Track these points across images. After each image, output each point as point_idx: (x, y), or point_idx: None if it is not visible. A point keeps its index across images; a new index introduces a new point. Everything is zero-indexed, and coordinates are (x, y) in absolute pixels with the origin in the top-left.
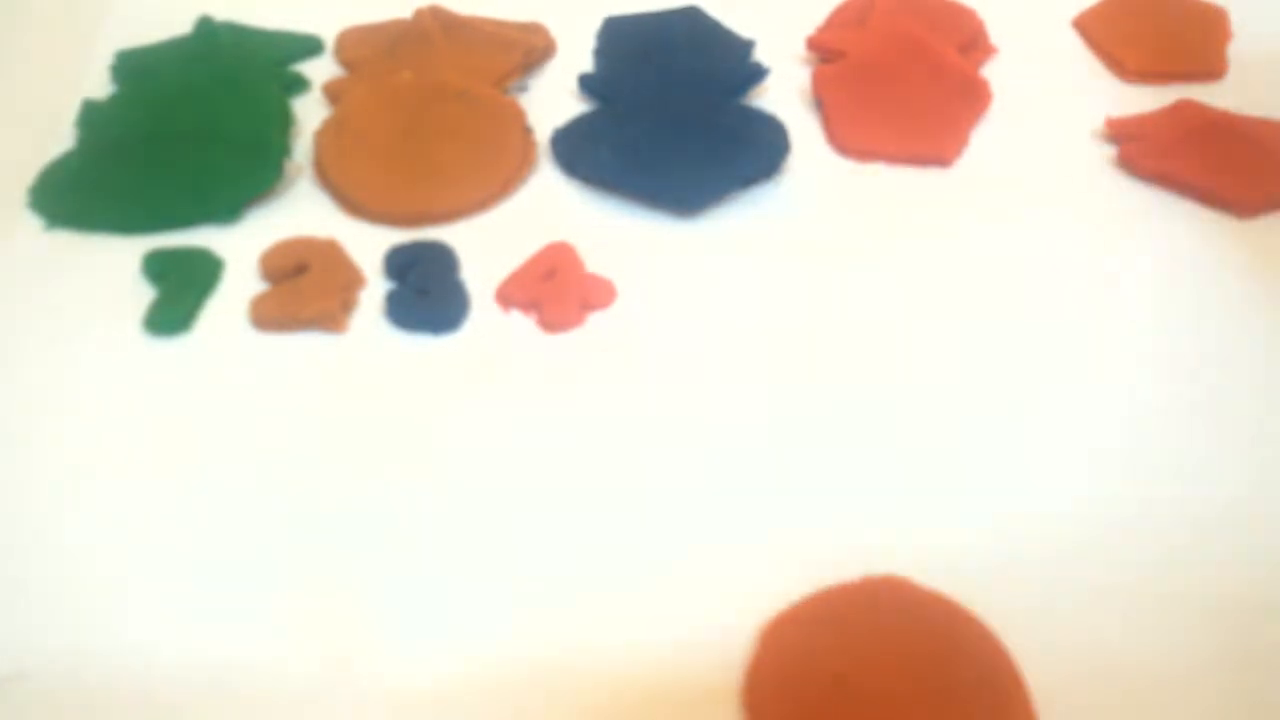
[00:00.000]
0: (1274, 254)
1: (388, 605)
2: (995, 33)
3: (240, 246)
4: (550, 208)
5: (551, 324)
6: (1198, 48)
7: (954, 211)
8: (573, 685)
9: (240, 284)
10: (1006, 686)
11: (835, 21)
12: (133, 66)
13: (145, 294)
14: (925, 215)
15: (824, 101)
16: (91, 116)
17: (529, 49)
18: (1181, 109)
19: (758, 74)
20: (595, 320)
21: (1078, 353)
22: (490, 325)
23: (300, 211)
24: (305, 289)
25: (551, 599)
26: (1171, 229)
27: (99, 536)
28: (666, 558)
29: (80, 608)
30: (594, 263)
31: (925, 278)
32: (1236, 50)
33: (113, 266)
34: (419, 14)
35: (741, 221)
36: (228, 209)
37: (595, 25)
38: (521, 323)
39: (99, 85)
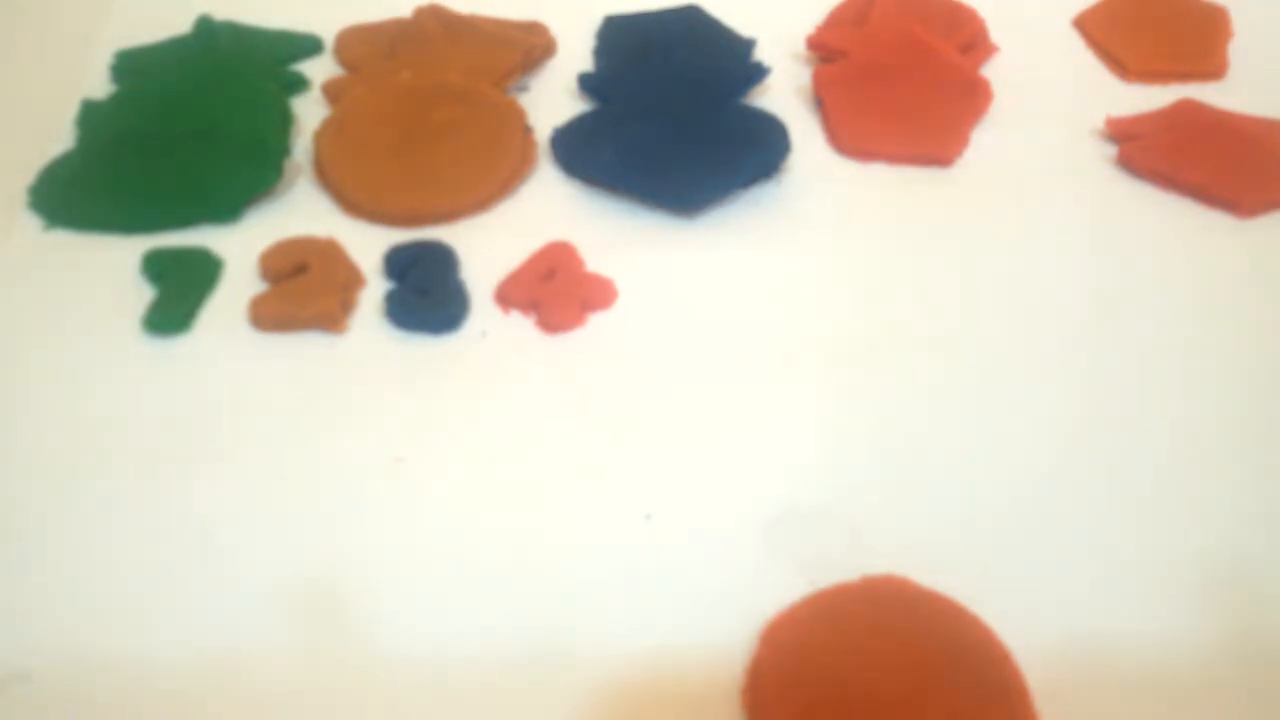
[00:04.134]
0: (1274, 254)
1: (387, 604)
2: (995, 32)
3: (240, 246)
4: (550, 208)
5: (551, 324)
6: (1198, 48)
7: (954, 211)
8: (573, 685)
9: (240, 284)
10: (1006, 686)
11: (835, 21)
12: (132, 66)
13: (145, 294)
14: (925, 215)
15: (824, 101)
16: (91, 116)
17: (529, 49)
18: (1181, 109)
19: (758, 74)
20: (595, 320)
21: (1077, 352)
22: (490, 325)
23: (300, 211)
24: (305, 289)
25: (551, 598)
26: (1171, 229)
27: (99, 536)
28: (667, 558)
29: (80, 608)
30: (594, 263)
31: (925, 277)
32: (1236, 50)
33: (112, 266)
34: (419, 14)
35: (741, 221)
36: (227, 209)
37: (595, 25)
38: (521, 323)
39: (99, 85)
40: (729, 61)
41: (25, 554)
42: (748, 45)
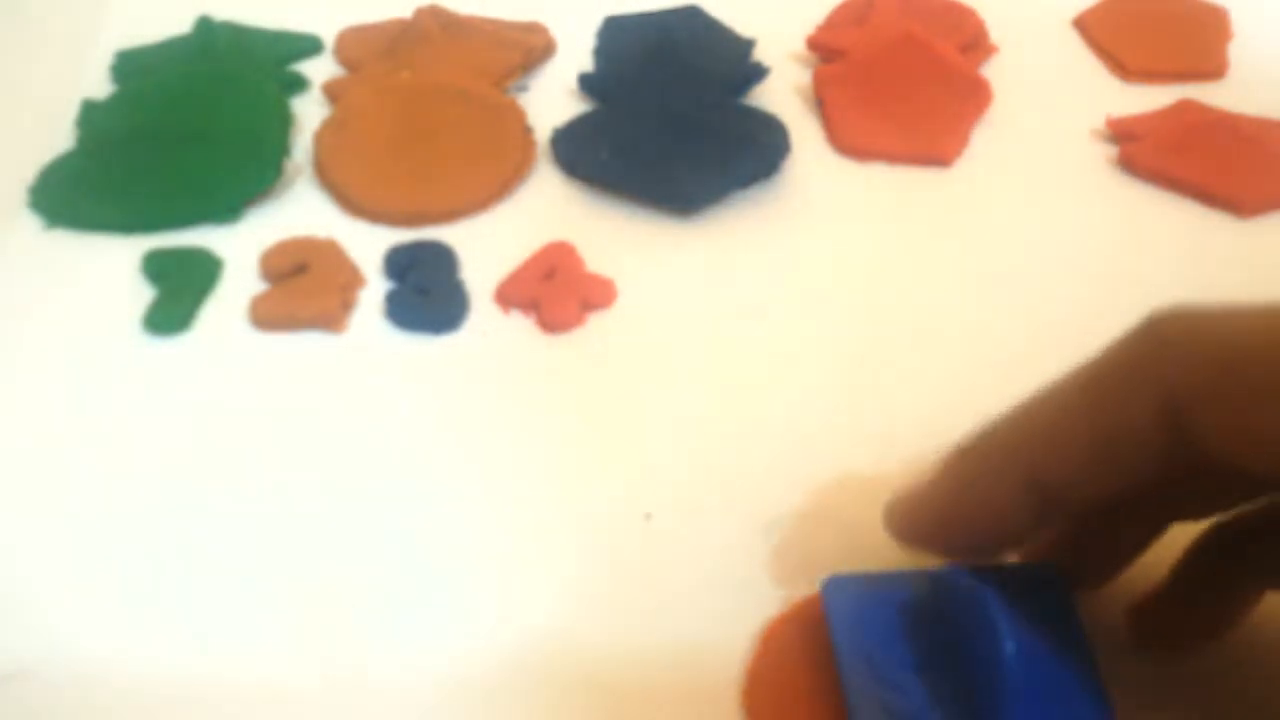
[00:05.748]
0: (1274, 254)
1: (386, 606)
2: (995, 32)
3: (240, 246)
4: (550, 208)
5: (551, 324)
6: (1198, 48)
7: (954, 211)
8: (572, 685)
9: (240, 284)
10: None
11: (835, 21)
12: (132, 66)
13: (145, 294)
14: (925, 215)
15: (824, 101)
16: (91, 116)
17: (529, 49)
18: (1181, 109)
19: (758, 74)
20: (595, 320)
21: (1077, 352)
22: (490, 325)
23: (300, 211)
24: (305, 289)
25: (551, 598)
26: (1171, 229)
27: (98, 536)
28: (667, 558)
29: (80, 608)
30: (594, 263)
31: (925, 277)
32: (1236, 50)
33: (113, 266)
34: (419, 14)
35: (741, 221)
36: (227, 209)
37: (595, 25)
38: (521, 323)
39: (99, 85)
40: (729, 61)
41: (24, 553)
42: (748, 45)
